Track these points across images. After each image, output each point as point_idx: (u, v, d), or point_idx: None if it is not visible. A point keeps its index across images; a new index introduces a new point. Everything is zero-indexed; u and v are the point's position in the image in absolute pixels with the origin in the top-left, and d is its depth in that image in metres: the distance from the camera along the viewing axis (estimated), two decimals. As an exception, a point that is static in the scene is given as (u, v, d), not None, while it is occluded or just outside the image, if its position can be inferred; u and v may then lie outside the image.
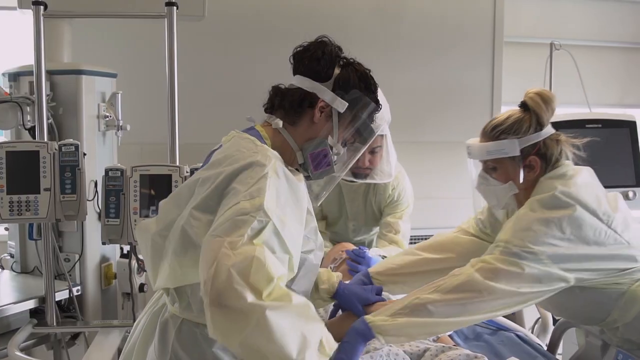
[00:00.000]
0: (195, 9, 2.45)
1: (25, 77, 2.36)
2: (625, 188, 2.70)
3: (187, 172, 2.11)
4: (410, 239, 2.52)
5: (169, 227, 1.30)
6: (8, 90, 2.31)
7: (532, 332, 2.24)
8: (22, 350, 2.07)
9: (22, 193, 2.10)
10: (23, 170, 2.10)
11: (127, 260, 2.36)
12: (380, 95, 1.50)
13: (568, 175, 1.54)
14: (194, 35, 2.83)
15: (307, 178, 1.41)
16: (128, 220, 2.10)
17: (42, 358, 2.41)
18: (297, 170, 1.41)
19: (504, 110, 1.68)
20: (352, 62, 1.44)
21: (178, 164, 2.18)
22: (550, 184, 1.53)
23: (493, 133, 1.60)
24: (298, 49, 1.44)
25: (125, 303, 2.43)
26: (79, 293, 2.39)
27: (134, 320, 1.62)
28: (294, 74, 1.43)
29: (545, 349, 1.90)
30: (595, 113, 2.96)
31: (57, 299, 2.26)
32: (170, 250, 1.29)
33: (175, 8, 2.22)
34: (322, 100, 1.38)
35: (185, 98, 2.33)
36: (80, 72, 2.39)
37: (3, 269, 2.58)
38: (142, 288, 2.40)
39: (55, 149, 2.12)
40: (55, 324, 2.26)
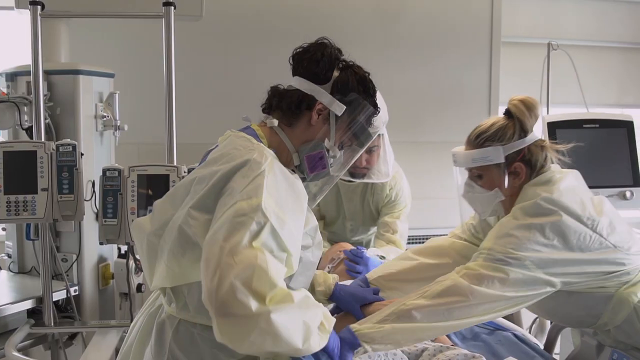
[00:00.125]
0: (193, 9, 2.45)
1: (23, 77, 2.36)
2: (623, 188, 2.70)
3: (184, 172, 2.11)
4: (408, 239, 2.53)
5: (164, 226, 1.30)
6: (5, 90, 2.31)
7: (529, 332, 2.25)
8: (19, 351, 2.07)
9: (19, 193, 2.09)
10: (20, 170, 2.10)
11: (124, 261, 2.36)
12: (378, 96, 1.50)
13: (552, 181, 1.54)
14: (192, 35, 2.82)
15: (302, 180, 1.41)
16: (125, 221, 2.10)
17: (39, 358, 2.40)
18: (293, 172, 1.40)
19: (503, 110, 1.68)
20: (351, 65, 1.44)
21: (176, 164, 2.18)
22: (533, 192, 1.53)
23: (477, 141, 1.60)
24: (298, 50, 1.44)
25: (123, 303, 2.43)
26: (77, 293, 2.39)
27: (132, 321, 1.62)
28: (293, 75, 1.43)
29: (542, 349, 1.90)
30: (593, 113, 2.96)
31: (54, 299, 2.26)
32: (167, 250, 1.29)
33: (173, 8, 2.21)
34: (320, 103, 1.38)
35: (183, 98, 2.33)
36: (78, 72, 2.39)
37: (0, 269, 2.58)
38: (139, 288, 2.39)
39: (53, 149, 2.11)
40: (53, 324, 2.25)
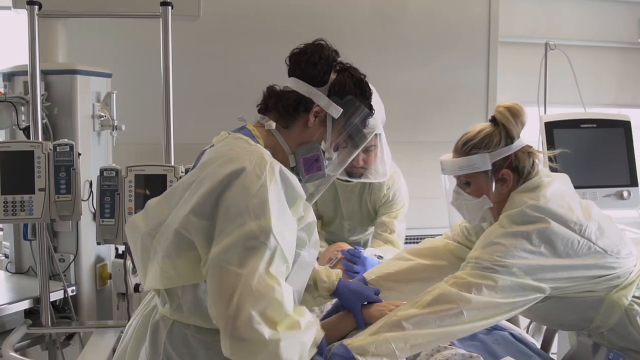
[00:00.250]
0: (191, 9, 2.45)
1: (20, 76, 2.36)
2: (620, 188, 2.70)
3: (182, 172, 2.10)
4: (406, 239, 2.52)
5: (159, 227, 1.29)
6: (2, 90, 2.31)
7: (527, 331, 2.25)
8: (16, 351, 2.07)
9: (16, 193, 2.09)
10: (17, 171, 2.10)
11: (122, 261, 2.36)
12: (375, 95, 1.50)
13: (539, 187, 1.54)
14: (189, 35, 2.83)
15: (298, 181, 1.41)
16: (123, 221, 2.09)
17: (36, 359, 2.40)
18: None
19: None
20: (348, 67, 1.44)
21: (173, 164, 2.18)
22: (520, 199, 1.53)
23: (464, 148, 1.60)
24: (295, 51, 1.43)
25: (121, 303, 2.43)
26: (74, 293, 2.38)
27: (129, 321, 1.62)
28: (290, 76, 1.43)
29: (540, 348, 1.90)
30: (590, 113, 2.96)
31: (52, 300, 2.26)
32: (161, 252, 1.27)
33: (171, 8, 2.22)
34: (317, 105, 1.38)
35: (181, 98, 2.33)
36: (75, 71, 2.39)
37: (-2, 269, 2.58)
38: (137, 288, 2.39)
39: (50, 149, 2.11)
40: (50, 325, 2.25)
